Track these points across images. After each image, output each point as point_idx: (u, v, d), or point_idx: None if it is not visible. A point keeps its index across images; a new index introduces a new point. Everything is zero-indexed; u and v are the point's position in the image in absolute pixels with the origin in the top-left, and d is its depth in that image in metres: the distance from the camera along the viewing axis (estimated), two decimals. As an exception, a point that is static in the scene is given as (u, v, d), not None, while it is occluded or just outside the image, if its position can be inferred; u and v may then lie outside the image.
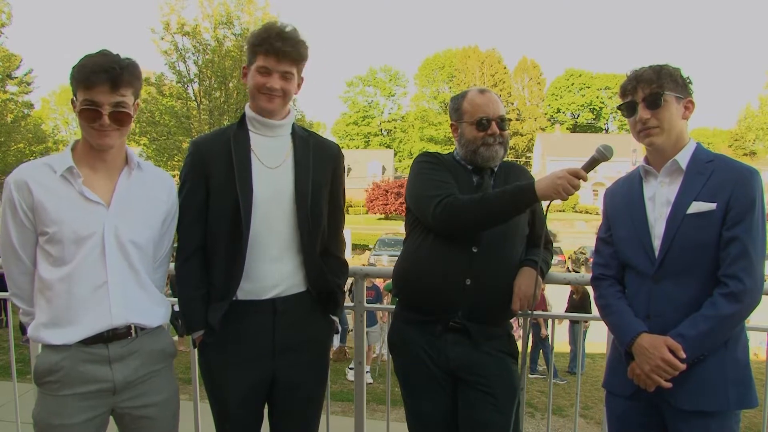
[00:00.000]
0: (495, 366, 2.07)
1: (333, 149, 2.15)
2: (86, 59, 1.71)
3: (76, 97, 1.72)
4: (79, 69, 1.69)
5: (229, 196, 1.92)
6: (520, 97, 65.11)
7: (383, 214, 42.33)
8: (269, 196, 1.95)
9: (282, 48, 1.92)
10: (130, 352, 1.79)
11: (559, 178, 1.87)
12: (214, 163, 1.95)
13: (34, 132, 19.68)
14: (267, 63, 1.93)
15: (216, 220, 1.96)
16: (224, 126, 2.13)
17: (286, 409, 2.06)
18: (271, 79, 1.94)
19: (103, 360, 1.75)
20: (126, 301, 1.78)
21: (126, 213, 1.80)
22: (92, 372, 1.74)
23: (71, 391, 1.72)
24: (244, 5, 20.67)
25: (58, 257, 1.71)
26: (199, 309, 1.97)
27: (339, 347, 8.77)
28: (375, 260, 21.19)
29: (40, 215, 1.71)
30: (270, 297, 1.97)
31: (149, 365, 1.85)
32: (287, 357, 2.00)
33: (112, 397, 1.78)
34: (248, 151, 1.97)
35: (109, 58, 1.71)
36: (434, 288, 2.06)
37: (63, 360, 1.72)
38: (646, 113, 1.81)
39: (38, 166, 1.76)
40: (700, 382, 1.73)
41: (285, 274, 1.99)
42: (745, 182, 1.73)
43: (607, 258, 1.97)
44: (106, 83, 1.67)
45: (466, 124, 2.16)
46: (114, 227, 1.76)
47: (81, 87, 1.69)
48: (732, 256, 1.70)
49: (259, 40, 1.93)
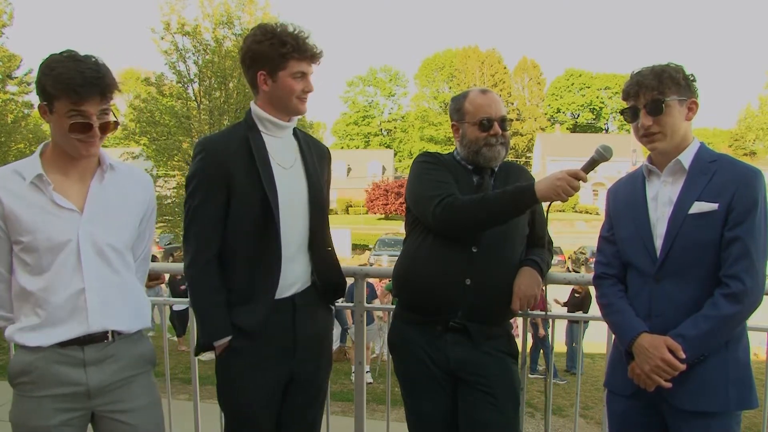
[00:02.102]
0: (495, 366, 2.07)
1: (325, 149, 2.21)
2: (62, 65, 1.62)
3: (53, 105, 1.64)
4: (64, 80, 1.60)
5: (254, 197, 1.89)
6: (520, 97, 65.12)
7: (383, 214, 42.34)
8: (288, 196, 1.96)
9: (315, 51, 1.94)
10: (106, 356, 1.76)
11: (559, 180, 1.87)
12: (234, 165, 1.91)
13: (34, 132, 19.63)
14: (302, 68, 1.93)
15: (240, 222, 1.92)
16: (227, 127, 2.11)
17: (297, 404, 2.07)
18: (308, 82, 1.96)
19: (77, 363, 1.72)
20: (104, 307, 1.74)
21: (101, 217, 1.76)
22: (66, 374, 1.70)
23: (45, 392, 1.69)
24: (245, 5, 20.64)
25: (35, 265, 1.69)
26: (224, 315, 1.91)
27: (339, 347, 8.77)
28: (375, 260, 21.21)
29: (13, 224, 1.67)
30: (290, 294, 1.98)
31: (126, 370, 1.80)
32: (303, 354, 2.02)
33: (88, 401, 1.74)
34: (266, 152, 1.96)
35: (91, 67, 1.63)
36: (434, 288, 2.06)
37: (36, 360, 1.69)
38: (648, 120, 1.80)
39: (7, 173, 1.70)
40: (701, 382, 1.73)
41: (299, 272, 2.01)
42: (747, 183, 1.72)
43: (610, 257, 1.97)
44: (96, 95, 1.63)
45: (468, 125, 2.15)
46: (89, 233, 1.72)
47: (66, 98, 1.61)
48: (733, 257, 1.70)
49: (291, 47, 1.89)
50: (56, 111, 1.64)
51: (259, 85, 1.95)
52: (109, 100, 1.67)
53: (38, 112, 1.69)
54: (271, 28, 1.94)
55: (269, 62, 1.91)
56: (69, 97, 1.61)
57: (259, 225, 1.90)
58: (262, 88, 1.95)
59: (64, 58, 1.65)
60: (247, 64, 1.96)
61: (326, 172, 2.15)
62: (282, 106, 1.98)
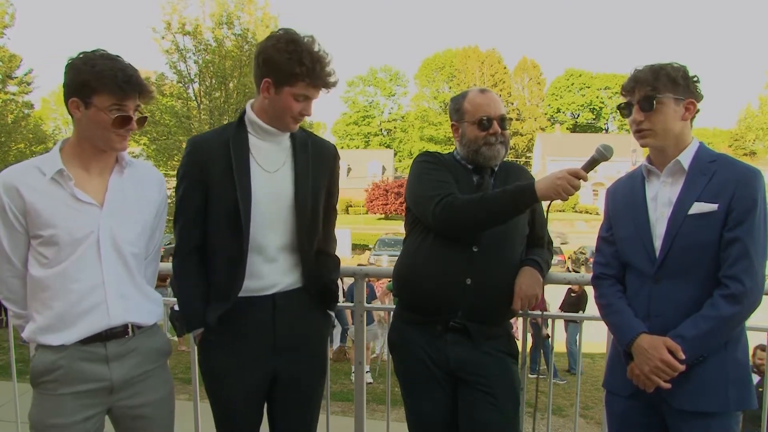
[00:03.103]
0: (495, 366, 2.07)
1: (330, 150, 2.16)
2: (103, 63, 1.69)
3: (92, 100, 1.69)
4: (108, 75, 1.67)
5: (229, 198, 1.92)
6: (520, 97, 65.11)
7: (383, 214, 42.34)
8: (268, 199, 1.95)
9: (329, 81, 1.90)
10: (127, 351, 1.79)
11: (559, 179, 1.87)
12: (213, 166, 1.94)
13: (34, 132, 19.66)
14: (308, 92, 1.89)
15: (216, 222, 1.96)
16: (220, 126, 2.13)
17: (286, 406, 2.06)
18: (309, 107, 1.94)
19: (100, 359, 1.75)
20: (123, 301, 1.78)
21: (119, 212, 1.80)
22: (90, 370, 1.74)
23: (69, 389, 1.72)
24: (245, 5, 20.65)
25: (53, 259, 1.71)
26: (198, 307, 1.98)
27: (339, 347, 8.77)
28: (375, 260, 21.21)
29: (33, 219, 1.70)
30: (270, 293, 1.98)
31: (145, 364, 1.84)
32: (288, 354, 2.00)
33: (109, 396, 1.78)
34: (247, 154, 1.96)
35: (129, 66, 1.73)
36: (434, 288, 2.06)
37: (60, 359, 1.71)
38: (639, 115, 1.81)
39: (27, 168, 1.74)
40: (701, 382, 1.73)
41: (282, 273, 2.00)
42: (747, 183, 1.72)
43: (609, 257, 1.97)
44: (136, 92, 1.72)
45: (468, 124, 2.15)
46: (109, 228, 1.76)
47: (110, 94, 1.68)
48: (733, 257, 1.70)
49: (306, 70, 1.84)
50: (95, 105, 1.69)
51: (261, 89, 1.94)
52: (144, 97, 1.76)
53: (69, 107, 1.72)
54: (296, 38, 1.86)
55: (279, 73, 1.87)
56: (113, 92, 1.68)
57: (232, 225, 1.92)
58: (263, 94, 1.94)
59: (100, 56, 1.72)
60: (260, 63, 1.93)
61: (326, 175, 2.10)
62: (275, 119, 1.96)
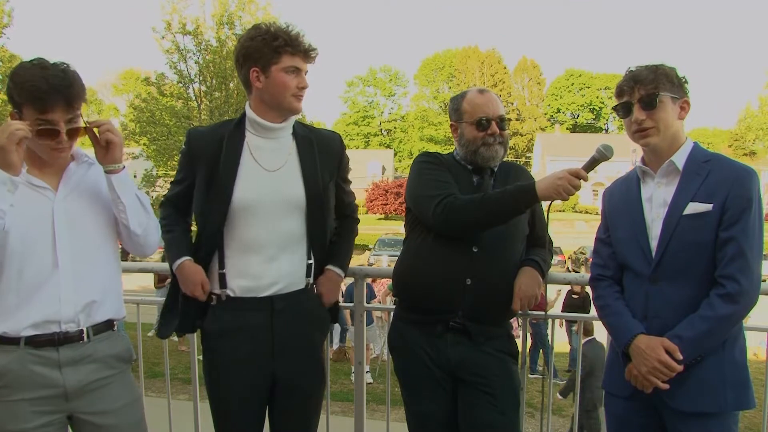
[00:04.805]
0: (495, 366, 2.07)
1: (336, 142, 2.18)
2: (28, 73, 1.62)
3: (22, 113, 1.65)
4: (28, 88, 1.61)
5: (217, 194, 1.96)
6: (520, 97, 65.05)
7: (383, 214, 42.31)
8: (269, 198, 1.95)
9: (310, 47, 1.93)
10: (81, 357, 1.74)
11: (560, 179, 1.88)
12: (206, 160, 1.96)
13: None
14: (295, 62, 1.92)
15: (208, 217, 1.98)
16: (222, 121, 2.14)
17: (285, 408, 2.07)
18: (303, 78, 1.95)
19: (52, 363, 1.70)
20: (78, 284, 1.74)
21: (76, 196, 1.78)
22: (41, 375, 1.68)
23: (21, 396, 1.67)
24: (245, 5, 20.66)
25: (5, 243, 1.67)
26: (182, 239, 2.04)
27: (339, 347, 8.77)
28: (375, 260, 21.18)
29: None
30: (268, 294, 1.97)
31: (103, 370, 1.79)
32: (287, 355, 2.00)
33: (66, 403, 1.73)
34: (239, 154, 1.96)
35: (58, 75, 1.63)
36: (434, 288, 2.07)
37: (10, 363, 1.67)
38: (641, 114, 1.81)
39: None
40: (699, 383, 1.74)
41: (283, 273, 1.99)
42: (741, 182, 1.73)
43: (606, 259, 1.98)
44: (61, 103, 1.63)
45: (466, 124, 2.16)
46: (64, 210, 1.74)
47: (32, 107, 1.62)
48: (728, 257, 1.70)
49: (283, 41, 1.88)
50: (24, 118, 1.65)
51: (252, 82, 1.94)
52: (76, 107, 1.68)
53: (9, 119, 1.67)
54: (258, 25, 1.96)
55: (262, 57, 1.90)
56: (33, 104, 1.62)
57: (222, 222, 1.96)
58: (255, 86, 1.94)
59: (31, 65, 1.66)
60: (240, 62, 1.95)
61: (334, 167, 2.12)
62: (276, 104, 1.96)
